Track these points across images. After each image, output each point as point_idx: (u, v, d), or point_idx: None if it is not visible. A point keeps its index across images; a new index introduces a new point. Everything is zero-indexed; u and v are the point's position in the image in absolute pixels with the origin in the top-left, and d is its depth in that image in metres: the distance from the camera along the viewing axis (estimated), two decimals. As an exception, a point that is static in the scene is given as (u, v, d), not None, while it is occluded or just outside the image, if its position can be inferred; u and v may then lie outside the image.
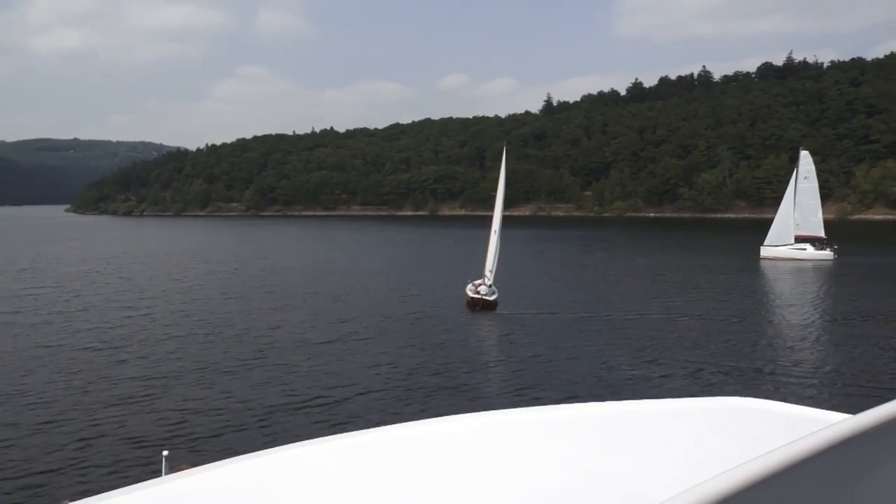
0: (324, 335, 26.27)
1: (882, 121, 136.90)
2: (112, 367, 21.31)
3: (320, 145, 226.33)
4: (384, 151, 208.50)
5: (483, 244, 35.30)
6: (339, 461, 2.31)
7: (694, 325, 28.68)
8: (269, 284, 41.57)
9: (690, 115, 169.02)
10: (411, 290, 39.58)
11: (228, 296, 36.35)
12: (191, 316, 30.18)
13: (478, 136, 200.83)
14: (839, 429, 1.16)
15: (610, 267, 52.40)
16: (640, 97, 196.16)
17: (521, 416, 2.74)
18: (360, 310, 32.37)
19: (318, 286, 40.67)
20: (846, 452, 1.16)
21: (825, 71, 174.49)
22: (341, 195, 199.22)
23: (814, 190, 68.03)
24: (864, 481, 1.24)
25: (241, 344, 24.58)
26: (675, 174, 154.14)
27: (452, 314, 32.13)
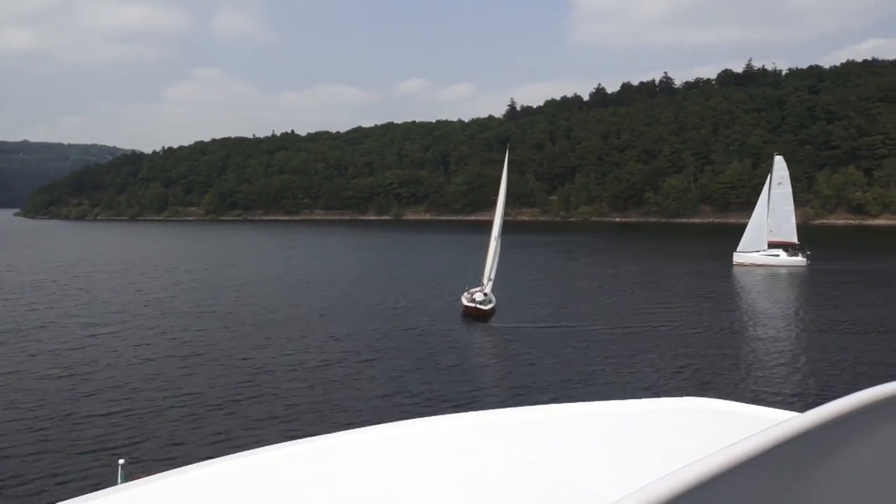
0: (317, 356, 24.00)
1: (842, 127, 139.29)
2: (77, 402, 18.34)
3: (281, 149, 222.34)
4: (347, 155, 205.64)
5: (456, 249, 33.43)
6: (303, 465, 2.27)
7: (670, 334, 27.84)
8: (245, 296, 38.62)
9: (654, 121, 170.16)
10: (398, 300, 37.52)
11: (202, 309, 33.66)
12: (164, 334, 27.40)
13: (441, 140, 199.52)
14: (786, 427, 1.19)
15: (599, 275, 50.96)
16: (604, 103, 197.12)
17: (483, 419, 2.72)
18: (350, 324, 30.11)
19: (299, 298, 38.05)
20: (793, 449, 1.20)
21: (784, 78, 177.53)
22: (303, 199, 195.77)
23: (787, 195, 67.42)
24: (811, 476, 1.28)
25: (226, 370, 21.86)
26: (640, 179, 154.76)
27: (446, 327, 30.20)
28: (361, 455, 2.38)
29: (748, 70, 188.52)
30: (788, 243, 61.56)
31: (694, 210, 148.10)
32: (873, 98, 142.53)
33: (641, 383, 20.39)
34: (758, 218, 64.07)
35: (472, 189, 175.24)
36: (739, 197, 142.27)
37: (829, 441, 1.27)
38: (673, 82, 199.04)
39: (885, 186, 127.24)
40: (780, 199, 66.34)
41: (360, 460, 2.34)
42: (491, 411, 2.83)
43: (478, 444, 2.42)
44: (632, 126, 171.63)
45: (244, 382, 20.43)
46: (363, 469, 2.28)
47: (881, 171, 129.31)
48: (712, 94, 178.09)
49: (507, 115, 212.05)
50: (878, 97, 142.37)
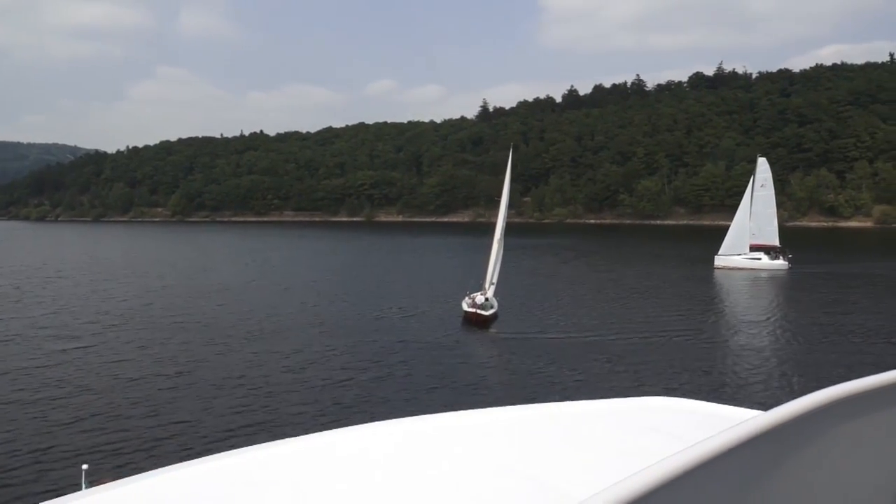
0: (317, 373, 22.04)
1: (813, 130, 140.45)
2: (49, 435, 15.99)
3: (250, 149, 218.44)
4: (317, 156, 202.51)
5: (439, 252, 31.80)
6: (270, 470, 2.24)
7: (654, 340, 27.07)
8: (227, 305, 35.67)
9: (627, 123, 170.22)
10: (392, 308, 35.45)
11: (182, 320, 31.06)
12: (145, 349, 24.82)
13: (413, 141, 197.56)
14: (749, 425, 1.20)
15: (596, 279, 49.46)
16: (576, 104, 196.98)
17: (452, 421, 2.71)
18: (346, 336, 27.98)
19: (287, 306, 35.43)
20: (756, 447, 1.21)
21: (754, 81, 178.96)
22: (273, 200, 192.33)
23: (770, 198, 66.52)
24: (774, 473, 1.30)
25: (218, 390, 19.60)
26: (614, 181, 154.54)
27: (444, 338, 28.37)
28: (329, 458, 2.36)
29: (719, 73, 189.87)
30: (770, 246, 60.73)
31: (668, 212, 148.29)
32: (844, 101, 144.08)
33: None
34: (740, 221, 62.96)
35: (446, 190, 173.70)
36: (713, 199, 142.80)
37: (791, 438, 1.30)
38: (645, 84, 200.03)
39: (857, 189, 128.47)
40: (763, 201, 65.41)
41: (328, 463, 2.32)
42: (460, 413, 2.78)
43: (447, 446, 2.43)
44: (605, 128, 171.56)
45: (238, 407, 18.36)
46: (330, 472, 2.25)
47: (853, 173, 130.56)
48: (684, 96, 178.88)
49: (479, 116, 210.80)
50: (848, 100, 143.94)
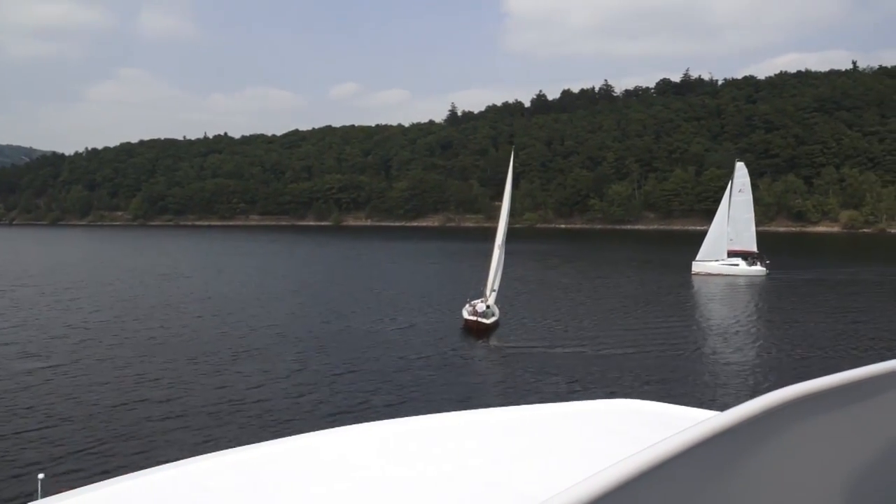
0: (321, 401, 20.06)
1: (781, 136, 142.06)
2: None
3: (214, 151, 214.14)
4: (284, 159, 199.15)
5: (417, 258, 30.28)
6: (228, 477, 2.23)
7: (651, 350, 26.35)
8: (208, 317, 33.16)
9: (596, 128, 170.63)
10: (384, 318, 33.60)
11: (160, 334, 27.95)
12: (123, 369, 22.26)
13: (382, 144, 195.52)
14: (705, 426, 1.22)
15: (589, 286, 48.02)
16: (545, 109, 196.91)
17: (419, 424, 2.73)
18: (349, 351, 25.75)
19: (274, 318, 32.75)
20: (711, 447, 1.22)
21: (720, 88, 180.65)
22: (239, 204, 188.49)
23: (748, 203, 65.87)
24: (728, 472, 1.32)
25: (214, 419, 17.58)
26: (585, 186, 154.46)
27: (444, 350, 26.69)
28: (296, 463, 2.35)
29: (686, 79, 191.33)
30: (748, 252, 60.10)
31: (639, 217, 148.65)
32: (809, 108, 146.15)
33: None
34: (718, 226, 62.01)
35: (415, 195, 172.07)
36: (683, 204, 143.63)
37: (745, 438, 1.31)
38: (613, 90, 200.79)
39: (824, 194, 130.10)
40: (741, 206, 64.74)
41: (297, 468, 2.31)
42: (427, 416, 2.78)
43: (413, 449, 2.44)
44: (574, 132, 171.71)
45: (232, 440, 16.44)
46: (298, 477, 2.25)
47: (820, 179, 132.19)
48: (652, 102, 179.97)
49: (448, 120, 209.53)
50: (813, 107, 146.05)
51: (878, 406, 1.62)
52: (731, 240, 61.05)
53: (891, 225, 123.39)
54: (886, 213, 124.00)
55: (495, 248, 34.08)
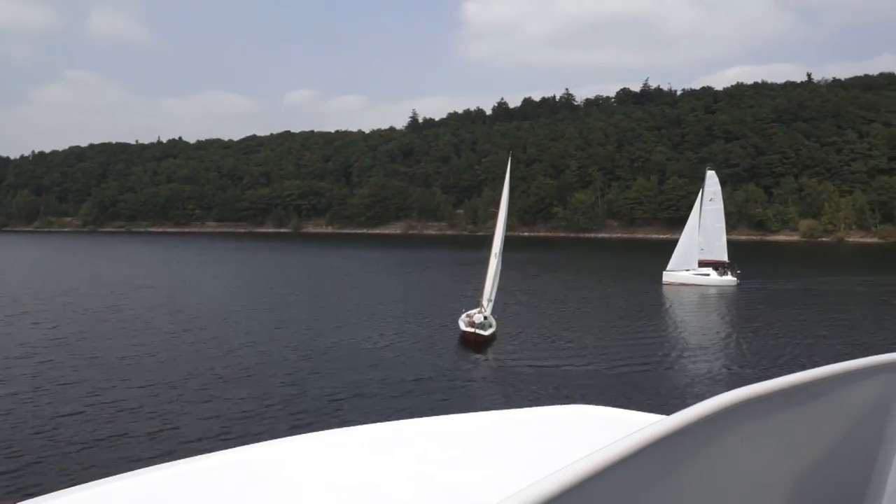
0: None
1: (740, 146, 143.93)
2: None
3: (169, 156, 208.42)
4: (241, 164, 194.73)
5: (387, 265, 28.72)
6: (180, 488, 2.21)
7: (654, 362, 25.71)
8: (182, 335, 30.23)
9: (558, 136, 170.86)
10: (372, 330, 31.86)
11: (135, 355, 25.13)
12: (95, 396, 19.80)
13: (342, 150, 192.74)
14: (652, 429, 1.24)
15: (576, 297, 46.91)
16: (506, 117, 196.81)
17: (375, 433, 2.73)
18: (354, 371, 23.63)
19: (255, 334, 30.59)
20: (657, 450, 1.24)
21: (679, 98, 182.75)
22: (195, 210, 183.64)
23: (719, 212, 65.45)
24: (674, 475, 1.35)
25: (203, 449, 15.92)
26: (548, 194, 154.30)
27: (443, 365, 24.97)
28: (243, 473, 2.32)
29: (645, 89, 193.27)
30: (719, 262, 59.51)
31: (602, 225, 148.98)
32: (768, 119, 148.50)
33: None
34: (688, 235, 61.26)
35: (377, 201, 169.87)
36: (646, 213, 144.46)
37: (690, 441, 1.34)
38: (574, 99, 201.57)
39: (784, 204, 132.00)
40: (712, 215, 64.29)
41: (241, 479, 2.28)
42: (381, 424, 2.80)
43: (367, 458, 2.46)
44: (537, 140, 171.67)
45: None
46: (245, 487, 2.22)
47: (780, 188, 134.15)
48: (613, 111, 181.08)
49: (409, 127, 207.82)
50: (772, 118, 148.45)
51: (820, 409, 1.68)
52: (702, 249, 60.40)
53: (848, 234, 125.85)
54: (844, 223, 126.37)
55: (492, 258, 32.89)
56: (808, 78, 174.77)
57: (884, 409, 1.83)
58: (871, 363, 1.73)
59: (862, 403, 1.79)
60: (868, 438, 1.83)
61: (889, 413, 1.84)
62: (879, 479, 1.86)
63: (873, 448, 1.84)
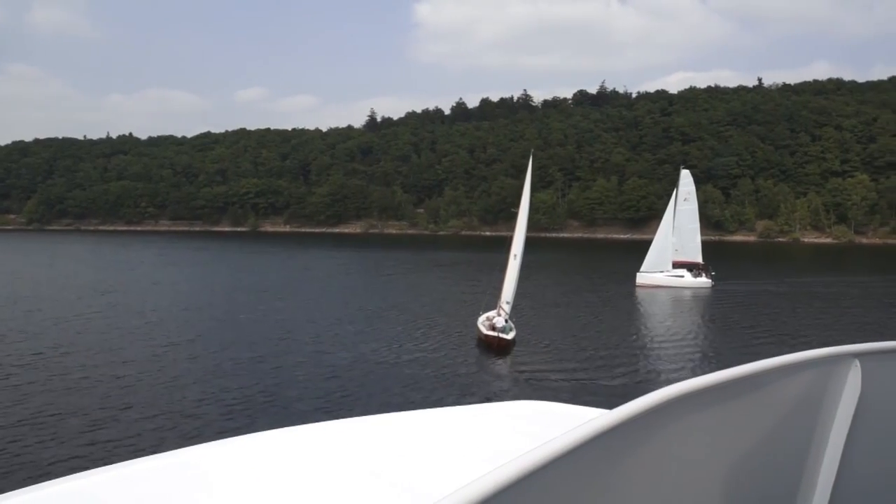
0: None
1: (697, 148, 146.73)
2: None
3: (119, 152, 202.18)
4: (196, 162, 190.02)
5: (362, 270, 28.14)
6: (120, 492, 2.17)
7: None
8: (161, 342, 28.51)
9: (518, 137, 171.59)
10: (394, 336, 30.90)
11: (107, 371, 23.16)
12: (74, 417, 17.72)
13: (299, 148, 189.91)
14: (594, 424, 1.26)
15: (580, 302, 46.55)
16: (465, 117, 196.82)
17: (327, 430, 2.74)
18: (373, 384, 22.62)
19: (244, 342, 28.63)
20: (598, 444, 1.26)
21: (634, 100, 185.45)
22: (147, 208, 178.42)
23: (693, 212, 65.59)
24: (615, 468, 1.37)
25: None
26: (510, 193, 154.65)
27: (463, 371, 24.39)
28: (194, 473, 2.31)
29: (602, 91, 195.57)
30: (693, 263, 59.62)
31: (563, 225, 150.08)
32: (723, 122, 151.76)
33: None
34: (662, 236, 61.03)
35: (337, 200, 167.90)
36: (606, 213, 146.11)
37: (631, 435, 1.37)
38: (531, 100, 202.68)
39: (741, 205, 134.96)
40: (686, 216, 64.34)
41: (193, 479, 2.27)
42: (334, 422, 2.82)
43: (318, 454, 2.46)
44: (497, 140, 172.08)
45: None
46: (197, 487, 2.22)
47: (737, 190, 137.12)
48: (571, 112, 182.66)
49: (367, 126, 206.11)
50: (727, 121, 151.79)
51: (755, 402, 1.73)
52: (676, 250, 60.46)
53: (803, 234, 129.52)
54: (799, 224, 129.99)
55: (510, 259, 32.31)
56: (758, 82, 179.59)
57: (815, 401, 1.90)
58: (804, 358, 1.80)
59: (795, 397, 1.86)
60: (801, 430, 1.91)
61: (820, 405, 1.91)
62: (812, 468, 1.93)
63: (806, 439, 1.91)
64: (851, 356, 1.89)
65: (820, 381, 1.87)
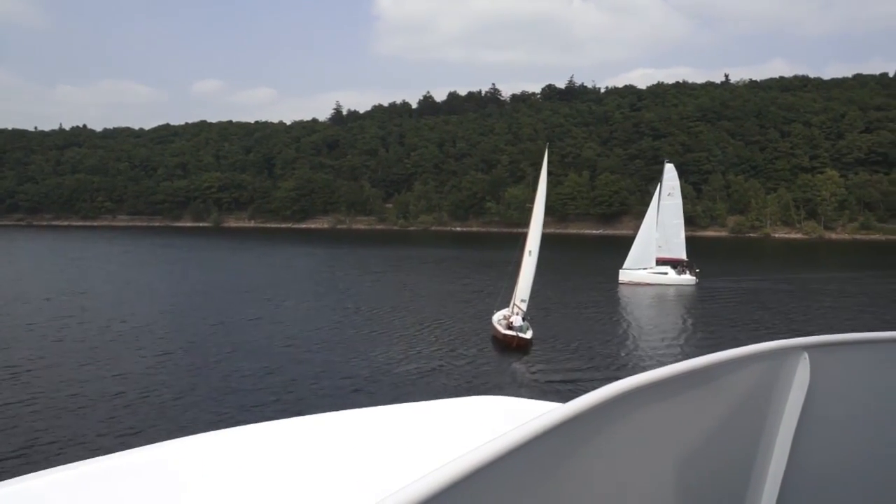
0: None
1: (668, 143, 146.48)
2: None
3: (72, 145, 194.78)
4: (155, 155, 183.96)
5: (346, 267, 26.23)
6: (66, 495, 2.13)
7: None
8: (147, 349, 26.16)
9: (488, 131, 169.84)
10: (403, 339, 28.82)
11: (91, 381, 21.29)
12: (72, 446, 15.39)
13: (263, 142, 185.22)
14: (545, 418, 1.26)
15: (591, 298, 44.82)
16: (433, 111, 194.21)
17: (279, 428, 2.71)
18: (389, 387, 20.67)
19: (261, 350, 26.07)
20: (551, 438, 1.26)
21: (604, 95, 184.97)
22: (104, 203, 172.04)
23: (677, 207, 64.30)
24: (566, 462, 1.37)
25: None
26: (481, 188, 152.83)
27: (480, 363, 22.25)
28: (146, 475, 2.28)
29: (570, 86, 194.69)
30: (677, 260, 58.33)
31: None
32: (693, 117, 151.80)
33: None
34: (646, 232, 59.41)
35: (303, 195, 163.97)
36: (578, 208, 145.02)
37: (582, 429, 1.38)
38: (500, 94, 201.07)
39: (712, 200, 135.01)
40: (670, 211, 62.97)
41: (143, 481, 2.24)
42: (289, 420, 2.78)
43: (269, 453, 2.45)
44: (466, 135, 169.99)
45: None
46: (148, 488, 2.19)
47: (708, 185, 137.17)
48: (541, 107, 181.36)
49: (332, 119, 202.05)
50: (696, 116, 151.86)
51: (706, 395, 1.78)
52: (660, 247, 59.01)
53: (774, 230, 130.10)
54: (770, 219, 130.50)
55: (525, 256, 31.13)
56: (725, 78, 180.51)
57: (766, 393, 1.96)
58: (755, 351, 1.85)
59: (746, 389, 1.91)
60: (752, 421, 1.96)
61: (770, 397, 1.97)
62: (763, 458, 1.99)
63: (757, 430, 1.97)
64: (800, 349, 1.96)
65: (770, 373, 1.94)
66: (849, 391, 2.15)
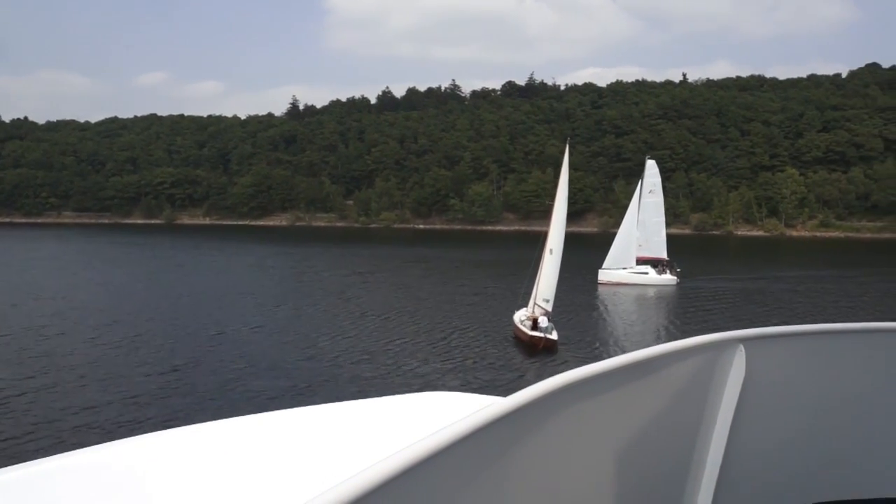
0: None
1: (630, 141, 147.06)
2: None
3: (13, 137, 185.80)
4: (103, 149, 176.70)
5: (332, 268, 24.45)
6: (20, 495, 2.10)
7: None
8: (173, 370, 23.60)
9: (450, 127, 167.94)
10: (422, 345, 26.76)
11: (125, 409, 19.61)
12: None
13: (218, 136, 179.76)
14: (487, 412, 1.27)
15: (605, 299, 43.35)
16: (392, 106, 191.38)
17: (236, 425, 2.70)
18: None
19: (264, 363, 24.22)
20: (492, 431, 1.27)
21: (564, 93, 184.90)
22: (49, 199, 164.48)
23: (659, 205, 63.81)
24: (508, 454, 1.39)
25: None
26: (444, 185, 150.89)
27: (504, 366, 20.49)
28: (71, 479, 2.23)
29: (530, 83, 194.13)
30: (657, 259, 57.60)
31: (499, 217, 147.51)
32: (654, 115, 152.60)
33: None
34: (626, 231, 58.61)
35: (261, 191, 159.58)
36: (542, 206, 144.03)
37: (524, 422, 1.39)
38: (460, 90, 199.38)
39: (676, 198, 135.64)
40: (651, 209, 62.38)
41: (71, 484, 2.19)
42: (246, 417, 2.78)
43: (207, 454, 2.42)
44: (428, 131, 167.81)
45: None
46: (72, 491, 2.15)
47: (671, 183, 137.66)
48: (501, 104, 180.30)
49: (289, 114, 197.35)
50: (658, 114, 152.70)
51: (647, 386, 1.83)
52: (640, 245, 58.15)
53: (736, 227, 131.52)
54: (732, 217, 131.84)
55: (546, 254, 30.09)
56: (683, 77, 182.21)
57: (704, 384, 2.04)
58: (694, 343, 1.92)
59: (685, 380, 1.98)
60: (691, 411, 2.04)
61: (709, 387, 2.05)
62: (702, 447, 2.07)
63: (696, 419, 2.05)
64: (737, 341, 2.02)
65: (708, 364, 2.01)
66: (782, 381, 2.22)
